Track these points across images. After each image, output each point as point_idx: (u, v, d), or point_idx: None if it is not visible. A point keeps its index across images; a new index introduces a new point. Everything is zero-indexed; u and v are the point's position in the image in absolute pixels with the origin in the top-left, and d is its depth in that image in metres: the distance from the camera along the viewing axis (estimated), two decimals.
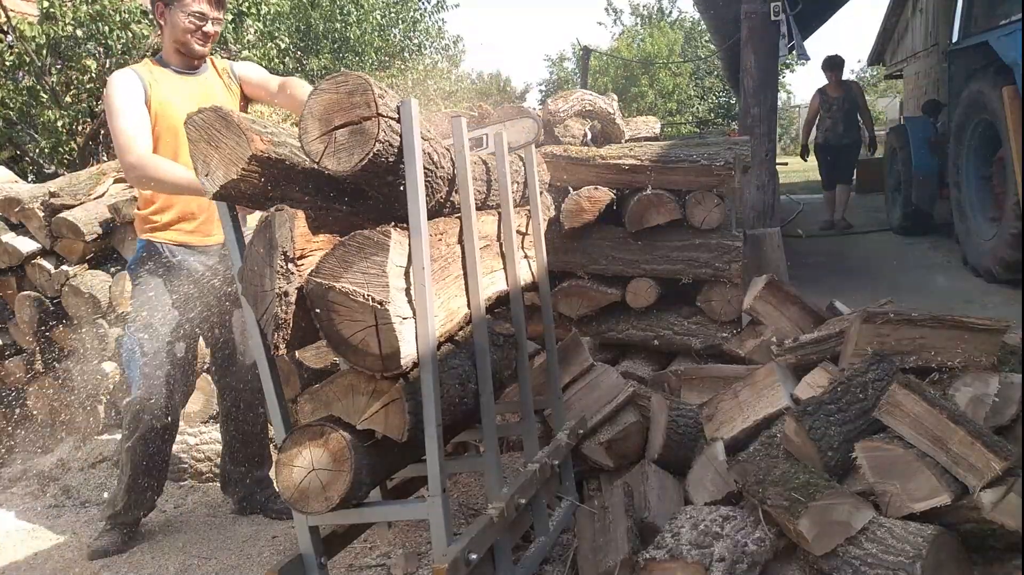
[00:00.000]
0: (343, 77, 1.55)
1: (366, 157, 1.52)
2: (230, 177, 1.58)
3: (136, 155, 2.59)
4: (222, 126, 1.60)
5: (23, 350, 3.99)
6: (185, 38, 2.73)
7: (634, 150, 3.37)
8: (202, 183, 1.62)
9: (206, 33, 2.75)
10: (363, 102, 1.53)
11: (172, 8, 2.71)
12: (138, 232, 2.88)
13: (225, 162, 1.59)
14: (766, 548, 1.84)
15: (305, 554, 1.78)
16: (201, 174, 1.62)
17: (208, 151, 1.61)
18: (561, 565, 2.22)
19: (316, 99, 1.55)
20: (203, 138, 1.61)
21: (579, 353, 2.75)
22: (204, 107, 1.64)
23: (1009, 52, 4.50)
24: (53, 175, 6.34)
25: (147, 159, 2.59)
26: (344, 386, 1.66)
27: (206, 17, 2.73)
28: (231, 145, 1.59)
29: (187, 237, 2.80)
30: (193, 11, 2.70)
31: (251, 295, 1.58)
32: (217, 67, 2.92)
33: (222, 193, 1.63)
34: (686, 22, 28.27)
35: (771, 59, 5.79)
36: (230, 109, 1.64)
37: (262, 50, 8.64)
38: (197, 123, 1.62)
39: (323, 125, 1.54)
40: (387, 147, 1.56)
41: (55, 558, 2.86)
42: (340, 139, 1.54)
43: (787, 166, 13.61)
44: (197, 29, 2.72)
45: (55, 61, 6.96)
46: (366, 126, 1.53)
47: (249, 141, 1.57)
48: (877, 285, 4.91)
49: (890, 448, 1.87)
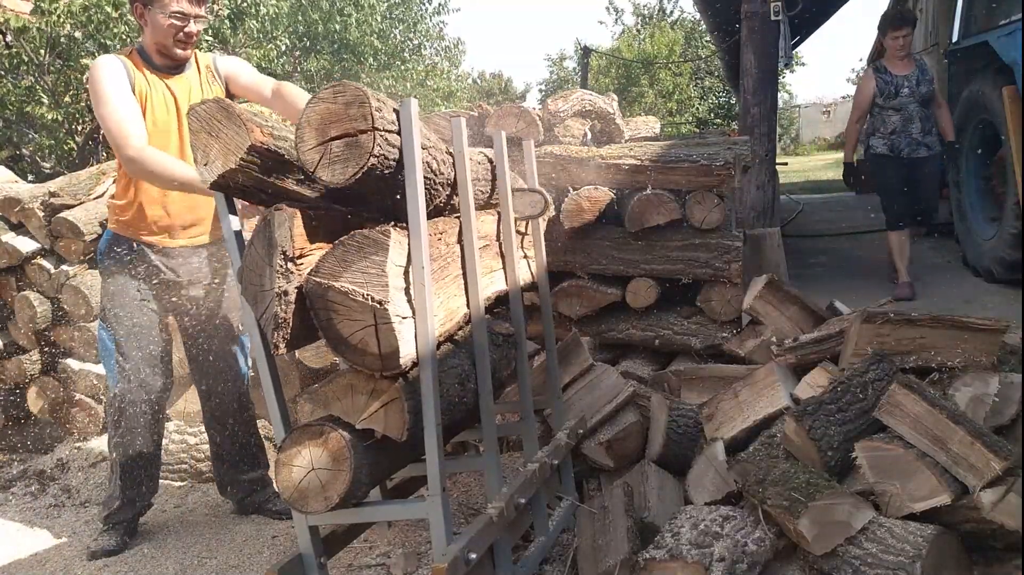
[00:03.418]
0: (341, 87, 1.54)
1: (360, 171, 1.52)
2: (228, 166, 1.60)
3: (135, 148, 2.53)
4: (223, 117, 1.61)
5: (23, 350, 3.99)
6: (167, 41, 2.63)
7: (634, 150, 3.37)
8: (200, 172, 1.64)
9: (188, 33, 2.64)
10: (359, 115, 1.52)
11: (151, 8, 2.60)
12: (108, 222, 2.84)
13: (224, 152, 1.60)
14: (766, 548, 1.84)
15: (305, 554, 1.78)
16: (200, 163, 1.63)
17: (208, 141, 1.62)
18: (561, 565, 2.21)
19: (313, 108, 1.54)
20: (204, 128, 1.62)
21: (579, 353, 2.75)
22: (207, 99, 1.66)
23: (1009, 52, 4.50)
24: (53, 174, 6.34)
25: (147, 153, 2.53)
26: (343, 385, 1.66)
27: (187, 16, 2.61)
28: (231, 135, 1.60)
29: (152, 238, 2.76)
30: (173, 11, 2.58)
31: (251, 294, 1.58)
32: (200, 64, 2.82)
33: (220, 183, 1.64)
34: (687, 22, 28.28)
35: (771, 59, 5.79)
36: (232, 102, 1.66)
37: (262, 50, 8.65)
38: (199, 114, 1.64)
39: (319, 135, 1.54)
40: (383, 160, 1.56)
41: (55, 558, 2.86)
42: (336, 150, 1.53)
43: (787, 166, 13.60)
44: (179, 30, 2.62)
45: (53, 60, 6.97)
46: (362, 139, 1.52)
47: (249, 131, 1.58)
48: (877, 285, 4.91)
49: (890, 448, 1.87)
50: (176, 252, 2.80)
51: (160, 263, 2.77)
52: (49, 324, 3.89)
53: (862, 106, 4.93)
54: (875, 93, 4.82)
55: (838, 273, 5.78)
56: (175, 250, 2.80)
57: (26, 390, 4.00)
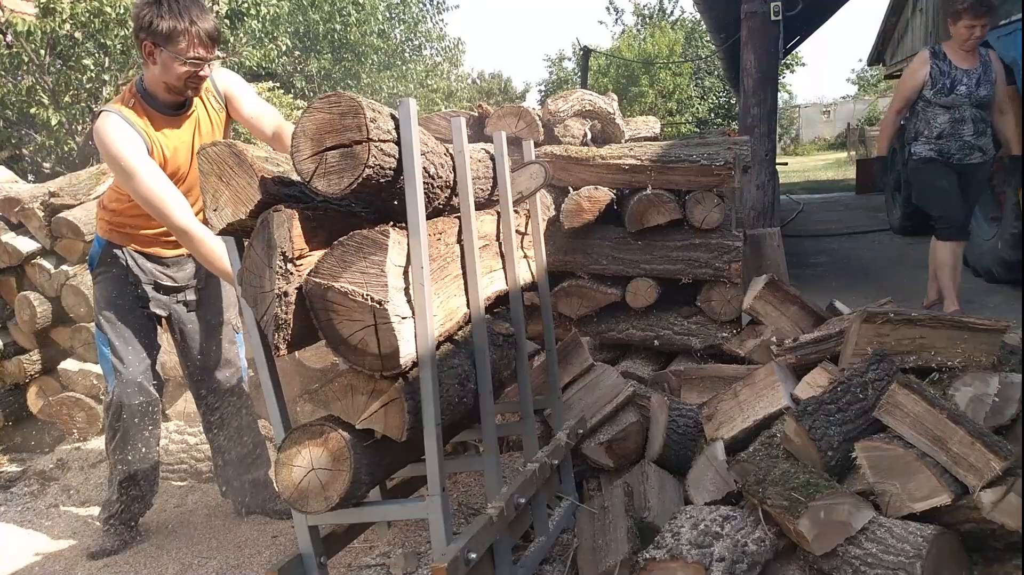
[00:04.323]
0: (336, 97, 1.54)
1: (355, 181, 1.52)
2: (238, 217, 1.59)
3: (182, 221, 2.46)
4: (235, 163, 1.60)
5: (23, 350, 3.99)
6: (179, 84, 2.52)
7: (634, 150, 3.37)
8: (209, 217, 1.63)
9: (201, 77, 2.54)
10: (354, 125, 1.52)
11: (164, 51, 2.45)
12: (98, 229, 2.81)
13: (234, 200, 1.59)
14: (766, 548, 1.84)
15: (305, 553, 1.78)
16: (209, 208, 1.62)
17: (219, 186, 1.61)
18: (561, 565, 2.21)
19: (309, 118, 1.54)
20: (215, 172, 1.61)
21: (579, 353, 2.75)
22: (217, 140, 1.65)
23: (1009, 52, 4.50)
24: (53, 175, 6.34)
25: (200, 233, 2.47)
26: (343, 386, 1.66)
27: (203, 61, 2.50)
28: (242, 184, 1.59)
29: (148, 248, 2.75)
30: (190, 57, 2.46)
31: (251, 296, 1.58)
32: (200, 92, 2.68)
33: (228, 230, 1.64)
34: (687, 22, 28.29)
35: (771, 59, 5.80)
36: (244, 146, 1.63)
37: (262, 50, 8.65)
38: (211, 156, 1.62)
39: (315, 145, 1.53)
40: (379, 170, 1.56)
41: (55, 558, 2.86)
42: (331, 160, 1.53)
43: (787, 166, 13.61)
44: (192, 75, 2.51)
45: (54, 61, 6.97)
46: (357, 150, 1.52)
47: (260, 185, 1.57)
48: (877, 285, 4.91)
49: (890, 448, 1.87)
50: (173, 260, 2.81)
51: (154, 269, 2.78)
52: (49, 324, 3.89)
53: (907, 95, 4.14)
54: (926, 82, 4.02)
55: (838, 273, 5.79)
56: (172, 259, 2.80)
57: (26, 390, 4.00)
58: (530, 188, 2.37)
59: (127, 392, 2.70)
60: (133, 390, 2.70)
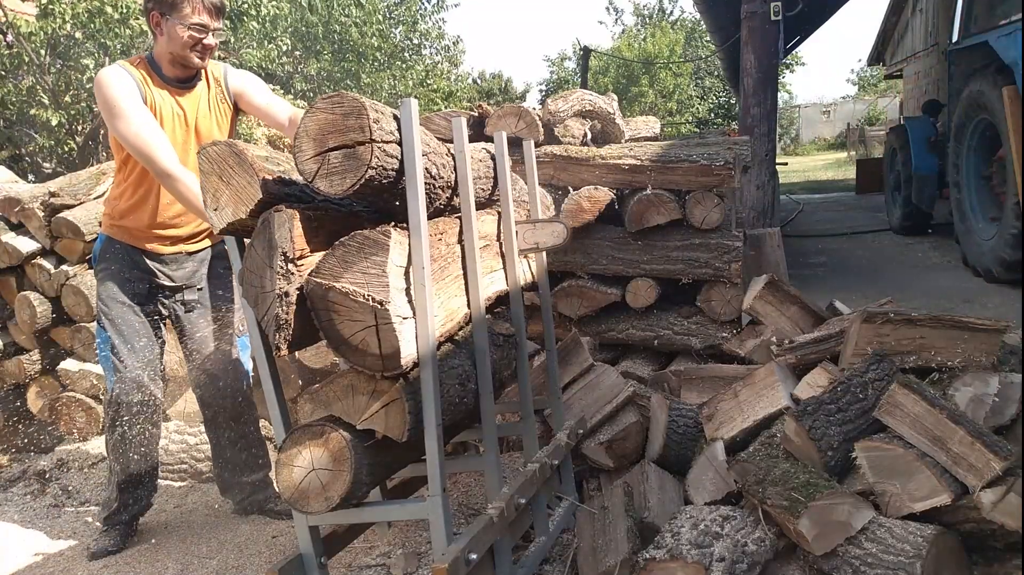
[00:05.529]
0: (339, 97, 1.53)
1: (358, 182, 1.51)
2: (239, 216, 1.59)
3: (168, 164, 2.48)
4: (235, 163, 1.59)
5: (23, 350, 3.99)
6: (184, 52, 2.58)
7: (634, 150, 3.37)
8: (209, 217, 1.63)
9: (206, 46, 2.60)
10: (357, 126, 1.51)
11: (169, 19, 2.54)
12: (102, 226, 2.83)
13: (235, 200, 1.59)
14: (766, 548, 1.84)
15: (305, 554, 1.78)
16: (210, 208, 1.62)
17: (219, 186, 1.60)
18: (561, 565, 2.22)
19: (311, 118, 1.53)
20: (215, 171, 1.60)
21: (579, 353, 2.75)
22: (218, 140, 1.63)
23: (1009, 52, 4.51)
24: (53, 175, 6.35)
25: (183, 174, 2.48)
26: (344, 386, 1.66)
27: (207, 29, 2.57)
28: (242, 184, 1.58)
29: (149, 244, 2.76)
30: (194, 23, 2.54)
31: (251, 296, 1.58)
32: (210, 78, 2.76)
33: (229, 230, 1.64)
34: (687, 22, 28.30)
35: (771, 59, 5.80)
36: (244, 146, 1.63)
37: (263, 51, 8.64)
38: (211, 155, 1.62)
39: (317, 145, 1.53)
40: (381, 171, 1.56)
41: (55, 558, 2.86)
42: (333, 161, 1.52)
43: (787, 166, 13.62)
44: (197, 43, 2.57)
45: (54, 61, 6.97)
46: (359, 151, 1.51)
47: (261, 185, 1.56)
48: (877, 285, 4.91)
49: (890, 448, 1.87)
50: (171, 258, 2.81)
51: (155, 267, 2.78)
52: (49, 324, 3.89)
53: None
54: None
55: (838, 273, 5.79)
56: (169, 255, 2.80)
57: (26, 390, 4.00)
58: (547, 244, 2.36)
59: (126, 389, 2.70)
60: (132, 387, 2.71)
